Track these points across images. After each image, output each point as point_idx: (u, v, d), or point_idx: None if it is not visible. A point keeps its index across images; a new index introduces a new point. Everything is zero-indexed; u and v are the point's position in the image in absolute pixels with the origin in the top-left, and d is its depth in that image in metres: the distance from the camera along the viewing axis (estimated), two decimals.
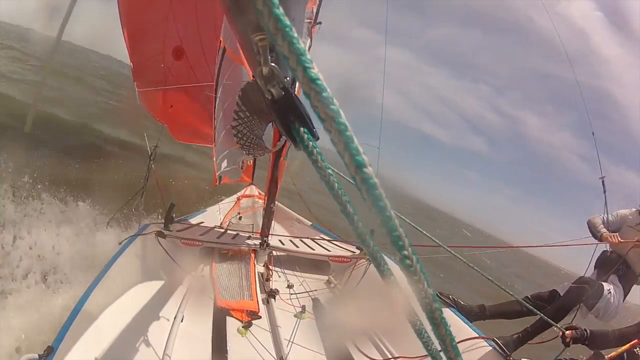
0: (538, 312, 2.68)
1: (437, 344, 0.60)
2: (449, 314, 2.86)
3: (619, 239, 2.92)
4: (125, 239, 2.90)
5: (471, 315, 2.98)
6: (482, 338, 2.70)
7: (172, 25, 4.40)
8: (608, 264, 3.00)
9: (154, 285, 2.73)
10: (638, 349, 2.29)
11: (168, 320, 2.50)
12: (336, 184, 0.55)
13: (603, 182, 3.23)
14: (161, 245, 3.04)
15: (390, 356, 2.76)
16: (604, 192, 3.19)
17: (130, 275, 2.60)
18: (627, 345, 2.29)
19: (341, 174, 1.22)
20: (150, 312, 2.47)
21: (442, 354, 0.58)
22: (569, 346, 2.49)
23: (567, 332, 2.49)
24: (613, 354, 2.30)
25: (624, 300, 2.92)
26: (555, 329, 2.66)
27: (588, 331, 2.49)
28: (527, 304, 2.80)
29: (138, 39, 4.37)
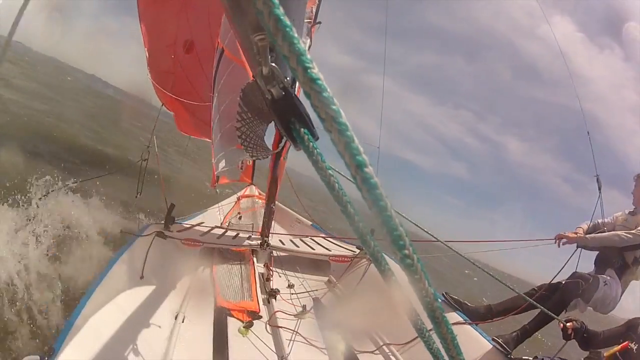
0: (540, 305, 2.68)
1: (438, 343, 0.60)
2: (449, 314, 2.86)
3: (570, 234, 3.05)
4: (126, 240, 2.90)
5: (478, 316, 2.96)
6: (483, 337, 2.71)
7: (184, 19, 4.47)
8: (605, 259, 3.03)
9: (155, 286, 2.73)
10: (632, 344, 2.33)
11: (169, 320, 2.50)
12: (337, 184, 0.55)
13: (598, 179, 3.25)
14: (161, 246, 3.04)
15: (391, 355, 2.76)
16: (599, 189, 3.22)
17: (130, 276, 2.60)
18: (619, 346, 2.35)
19: (342, 173, 1.22)
20: (151, 312, 2.47)
21: (443, 352, 0.58)
22: (570, 339, 2.50)
23: (569, 323, 2.52)
24: (609, 352, 2.34)
25: (621, 295, 2.93)
26: (553, 322, 2.68)
27: (586, 324, 2.52)
28: (530, 299, 2.80)
29: (152, 29, 4.43)
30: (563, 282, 2.91)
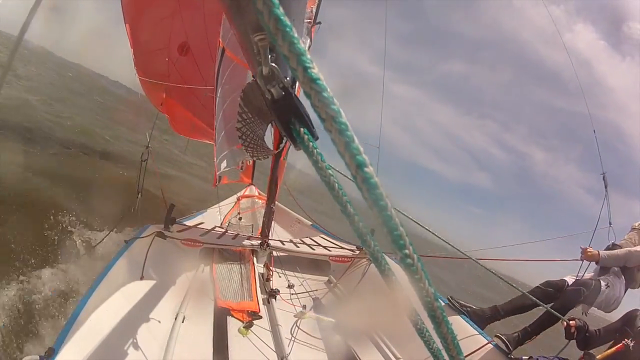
0: (543, 304, 2.72)
1: (438, 343, 0.60)
2: (454, 318, 2.84)
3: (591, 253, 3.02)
4: (126, 240, 2.90)
5: (484, 318, 2.95)
6: (483, 337, 2.71)
7: (178, 20, 4.44)
8: None
9: (155, 287, 2.73)
10: (629, 340, 2.36)
11: (169, 321, 2.49)
12: (337, 185, 0.55)
13: (604, 177, 3.25)
14: (161, 246, 3.03)
15: (391, 355, 2.76)
16: (605, 187, 3.22)
17: (130, 276, 2.60)
18: (614, 348, 2.38)
19: (342, 173, 1.22)
20: (151, 313, 2.47)
21: (443, 352, 0.58)
22: (573, 338, 2.51)
23: (571, 322, 2.54)
24: (602, 355, 2.36)
25: (625, 292, 2.97)
26: (555, 321, 2.70)
27: (588, 323, 2.54)
28: (535, 298, 2.81)
29: (141, 31, 4.41)
30: (566, 289, 2.92)
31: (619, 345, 2.37)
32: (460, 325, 2.79)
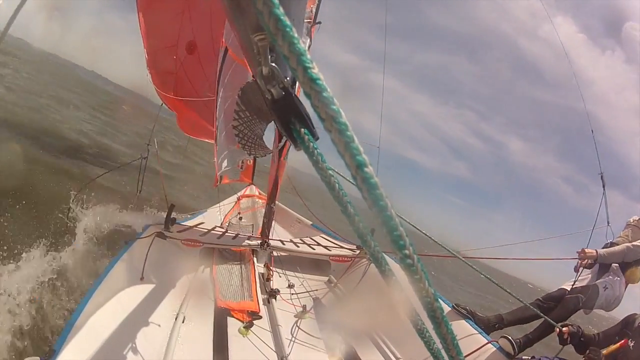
0: (543, 315, 2.76)
1: (438, 343, 0.60)
2: (459, 322, 2.84)
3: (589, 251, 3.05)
4: (126, 241, 2.90)
5: (489, 326, 2.96)
6: (484, 337, 2.71)
7: (186, 19, 4.49)
8: None
9: (155, 287, 2.73)
10: (630, 341, 2.40)
11: (169, 321, 2.50)
12: (337, 185, 0.55)
13: (602, 177, 3.26)
14: (162, 246, 3.04)
15: (391, 355, 2.76)
16: (603, 186, 3.23)
17: (131, 276, 2.60)
18: (618, 344, 2.41)
19: (341, 174, 1.22)
20: (151, 313, 2.47)
21: (443, 352, 0.58)
22: (567, 344, 2.53)
23: (564, 328, 2.57)
24: (608, 350, 2.39)
25: (625, 289, 3.01)
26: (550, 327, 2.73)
27: (582, 328, 2.56)
28: (535, 309, 2.86)
29: (153, 28, 4.44)
30: (565, 297, 2.94)
31: (621, 342, 2.40)
32: (461, 327, 2.79)
